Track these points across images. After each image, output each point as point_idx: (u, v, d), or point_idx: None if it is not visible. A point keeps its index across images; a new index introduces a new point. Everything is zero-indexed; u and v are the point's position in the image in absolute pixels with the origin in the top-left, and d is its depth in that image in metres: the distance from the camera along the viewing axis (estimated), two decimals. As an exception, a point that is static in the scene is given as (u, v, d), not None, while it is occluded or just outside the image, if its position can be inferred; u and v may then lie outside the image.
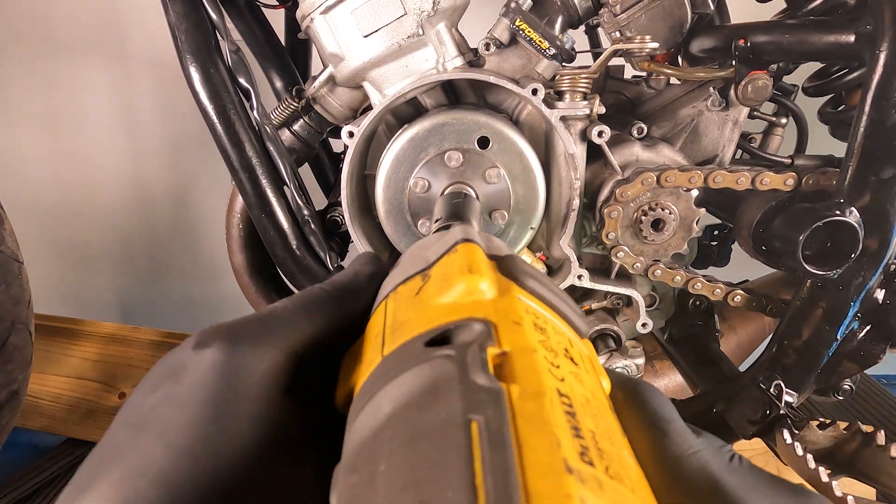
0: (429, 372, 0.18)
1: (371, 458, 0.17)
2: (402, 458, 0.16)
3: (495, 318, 0.20)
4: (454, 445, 0.15)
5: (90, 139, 1.44)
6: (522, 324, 0.20)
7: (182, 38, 0.65)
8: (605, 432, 0.18)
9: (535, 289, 0.23)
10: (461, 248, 0.25)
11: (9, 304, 0.87)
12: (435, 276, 0.24)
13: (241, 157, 0.68)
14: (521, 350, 0.19)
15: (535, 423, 0.16)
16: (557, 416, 0.16)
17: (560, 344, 0.21)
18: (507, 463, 0.14)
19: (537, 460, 0.15)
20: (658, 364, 0.95)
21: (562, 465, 0.15)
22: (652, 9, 0.66)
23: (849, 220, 0.59)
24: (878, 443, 0.58)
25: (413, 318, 0.22)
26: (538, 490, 0.14)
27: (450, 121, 0.65)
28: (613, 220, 0.67)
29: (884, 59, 0.55)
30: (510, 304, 0.22)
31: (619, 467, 0.17)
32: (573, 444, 0.16)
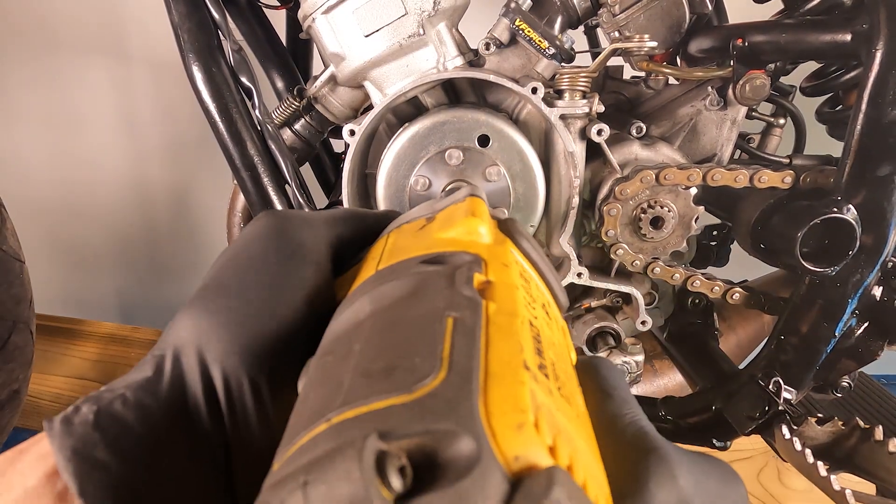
0: (417, 280, 0.20)
1: (347, 342, 0.18)
2: (378, 340, 0.18)
3: (487, 257, 0.22)
4: (429, 331, 0.17)
5: (91, 139, 1.44)
6: (510, 267, 0.22)
7: (185, 37, 0.65)
8: (563, 369, 0.19)
9: (527, 250, 0.25)
10: (468, 199, 0.27)
11: (10, 304, 0.87)
12: (439, 217, 0.26)
13: (243, 156, 0.68)
14: (504, 283, 0.21)
15: (504, 331, 0.18)
16: (525, 333, 0.18)
17: (539, 298, 0.23)
18: (473, 348, 0.16)
19: (500, 355, 0.16)
20: (657, 362, 0.96)
21: (521, 362, 0.16)
22: (650, 9, 0.67)
23: (846, 217, 0.59)
24: (876, 438, 0.58)
25: (412, 246, 0.24)
26: (495, 372, 0.16)
27: (450, 119, 0.65)
28: (613, 218, 0.67)
29: (880, 58, 0.55)
30: (503, 251, 0.23)
31: (570, 393, 0.18)
32: (534, 356, 0.17)
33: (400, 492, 0.13)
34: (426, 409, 0.14)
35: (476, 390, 0.15)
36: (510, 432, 0.14)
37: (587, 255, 0.76)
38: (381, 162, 0.67)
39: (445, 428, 0.14)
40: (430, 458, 0.14)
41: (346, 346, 0.18)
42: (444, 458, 0.14)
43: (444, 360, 0.16)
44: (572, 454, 0.15)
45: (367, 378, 0.16)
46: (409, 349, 0.17)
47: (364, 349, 0.18)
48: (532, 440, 0.14)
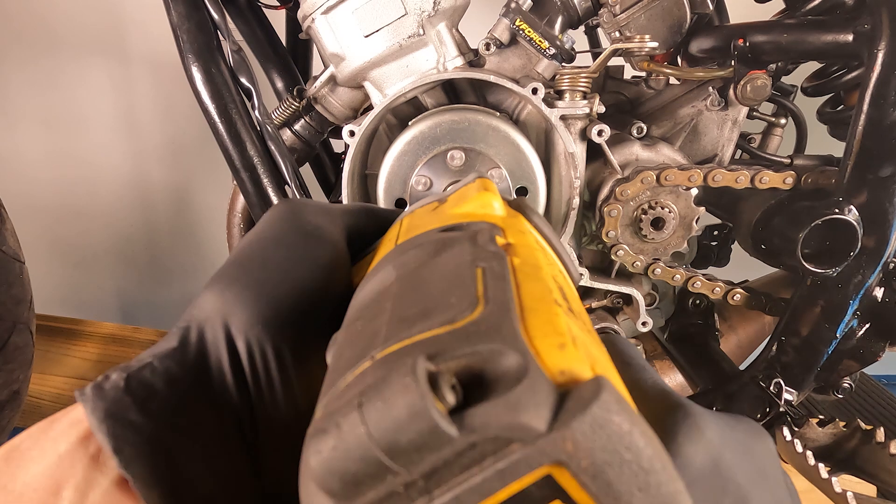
0: (440, 243, 0.21)
1: (377, 305, 0.19)
2: (410, 294, 0.18)
3: (502, 225, 0.23)
4: (460, 279, 0.17)
5: (91, 139, 1.44)
6: (526, 234, 0.23)
7: (184, 38, 0.65)
8: (584, 319, 0.20)
9: (539, 225, 0.25)
10: (478, 179, 0.28)
11: (10, 304, 0.87)
12: (451, 198, 0.26)
13: (243, 157, 0.68)
14: (524, 245, 0.21)
15: (531, 277, 0.18)
16: (550, 281, 0.19)
17: (554, 266, 0.23)
18: (506, 288, 0.17)
19: (532, 294, 0.17)
20: (658, 363, 0.96)
21: (552, 299, 0.17)
22: (651, 9, 0.66)
23: (847, 218, 0.59)
24: (877, 440, 0.58)
25: (428, 222, 0.24)
26: (530, 306, 0.16)
27: (452, 120, 0.65)
28: (613, 219, 0.67)
29: (882, 59, 0.55)
30: (517, 222, 0.24)
31: (593, 336, 0.19)
32: (559, 294, 0.18)
33: (453, 405, 0.13)
34: (471, 334, 0.15)
35: (516, 318, 0.15)
36: (553, 351, 0.15)
37: (588, 256, 0.76)
38: (383, 162, 0.67)
39: (492, 347, 0.14)
40: (479, 375, 0.14)
41: (377, 308, 0.18)
42: (493, 374, 0.14)
43: (481, 298, 0.16)
44: (610, 376, 0.15)
45: (405, 321, 0.16)
46: (443, 295, 0.17)
47: (396, 304, 0.18)
48: (575, 357, 0.15)
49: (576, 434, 0.13)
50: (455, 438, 0.13)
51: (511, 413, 0.13)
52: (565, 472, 0.13)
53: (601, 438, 0.13)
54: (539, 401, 0.13)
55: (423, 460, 0.13)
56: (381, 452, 0.13)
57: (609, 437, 0.13)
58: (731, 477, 0.19)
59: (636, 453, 0.13)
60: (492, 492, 0.13)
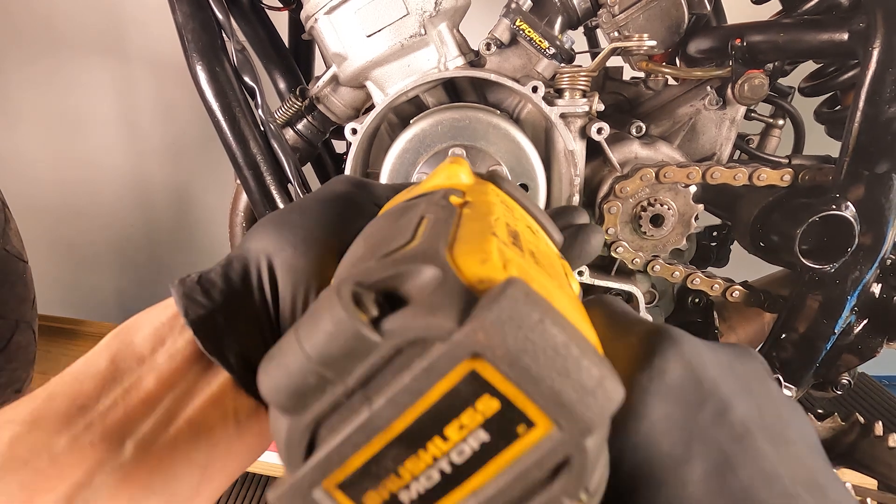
0: (402, 208, 0.24)
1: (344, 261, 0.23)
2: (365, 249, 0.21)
3: (466, 190, 0.25)
4: (406, 226, 0.20)
5: (92, 139, 1.45)
6: (489, 194, 0.25)
7: (189, 37, 0.66)
8: (545, 259, 0.21)
9: (510, 190, 0.27)
10: (453, 157, 0.30)
11: (14, 303, 0.87)
12: (427, 178, 0.29)
13: (246, 155, 0.69)
14: (481, 200, 0.23)
15: (474, 219, 0.20)
16: (499, 224, 0.20)
17: (523, 220, 0.25)
18: (443, 228, 0.19)
19: (469, 230, 0.19)
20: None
21: (489, 232, 0.18)
22: (650, 9, 0.67)
23: (844, 214, 0.60)
24: (876, 434, 0.59)
25: (402, 199, 0.27)
26: (463, 236, 0.18)
27: (453, 118, 0.66)
28: (613, 216, 0.68)
29: (877, 56, 0.56)
30: (482, 186, 0.26)
31: (550, 268, 0.20)
32: (506, 234, 0.19)
33: (376, 316, 0.15)
34: (398, 259, 0.17)
35: (444, 245, 0.17)
36: (475, 264, 0.16)
37: (587, 253, 0.77)
38: (384, 160, 0.68)
39: (414, 265, 0.16)
40: (401, 291, 0.16)
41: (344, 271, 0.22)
42: (415, 287, 0.15)
43: (417, 236, 0.18)
44: (546, 293, 0.16)
45: (353, 266, 0.19)
46: (388, 241, 0.19)
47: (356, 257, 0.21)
48: (496, 269, 0.16)
49: (485, 325, 0.13)
50: (379, 343, 0.14)
51: (426, 315, 0.14)
52: (486, 364, 0.14)
53: (512, 328, 0.13)
54: (453, 302, 0.14)
55: (355, 368, 0.14)
56: (316, 364, 0.14)
57: (520, 327, 0.13)
58: (711, 389, 0.20)
59: (549, 339, 0.14)
60: (422, 391, 0.14)
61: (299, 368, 0.15)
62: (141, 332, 0.28)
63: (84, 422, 0.25)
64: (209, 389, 0.28)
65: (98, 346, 0.29)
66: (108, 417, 0.25)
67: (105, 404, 0.26)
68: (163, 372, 0.27)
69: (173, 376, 0.27)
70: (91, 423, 0.25)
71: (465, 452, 0.14)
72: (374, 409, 0.14)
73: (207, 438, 0.27)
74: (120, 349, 0.28)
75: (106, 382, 0.26)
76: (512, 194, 0.27)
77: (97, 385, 0.26)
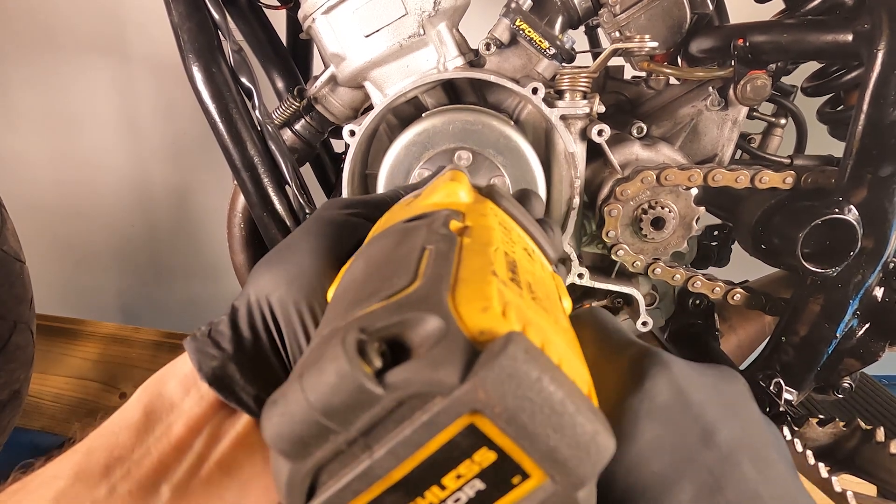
0: (400, 232, 0.24)
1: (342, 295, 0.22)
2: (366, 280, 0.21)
3: (465, 211, 0.25)
4: (407, 260, 0.20)
5: (91, 139, 1.44)
6: (487, 216, 0.25)
7: (185, 38, 0.65)
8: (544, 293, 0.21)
9: (507, 208, 0.27)
10: (449, 171, 0.30)
11: (11, 304, 0.87)
12: (424, 191, 0.29)
13: (243, 157, 0.68)
14: (481, 225, 0.23)
15: (475, 253, 0.20)
16: (498, 256, 0.20)
17: (521, 242, 0.25)
18: (445, 265, 0.19)
19: (470, 267, 0.19)
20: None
21: (489, 271, 0.18)
22: (651, 9, 0.66)
23: (847, 217, 0.59)
24: (877, 439, 0.58)
25: (399, 215, 0.27)
26: (464, 277, 0.18)
27: (466, 120, 0.64)
28: (613, 219, 0.67)
29: (881, 58, 0.55)
30: (481, 206, 0.26)
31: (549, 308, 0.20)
32: (505, 271, 0.19)
33: (380, 367, 0.15)
34: (402, 305, 0.17)
35: (445, 289, 0.17)
36: (476, 313, 0.16)
37: (588, 255, 0.76)
38: (382, 162, 0.67)
39: (417, 315, 0.16)
40: (406, 341, 0.16)
41: (341, 296, 0.21)
42: (419, 338, 0.16)
43: (420, 275, 0.18)
44: (543, 340, 0.16)
45: (355, 303, 0.19)
46: (390, 276, 0.19)
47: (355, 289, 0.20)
48: (497, 319, 0.16)
49: (486, 383, 0.14)
50: (382, 396, 0.14)
51: (429, 370, 0.14)
52: (484, 419, 0.14)
53: (511, 386, 0.14)
54: (455, 357, 0.15)
55: (357, 419, 0.15)
56: (319, 414, 0.15)
57: (518, 385, 0.14)
58: (699, 412, 0.21)
59: (546, 397, 0.14)
60: (422, 443, 0.14)
61: (302, 418, 0.15)
62: (169, 383, 0.30)
63: (121, 472, 0.27)
64: (235, 430, 0.29)
65: (131, 400, 0.31)
66: (143, 465, 0.27)
67: (140, 453, 0.28)
68: (191, 417, 0.29)
69: (200, 421, 0.29)
70: (128, 472, 0.27)
71: (461, 500, 0.14)
72: (374, 457, 0.15)
73: (238, 476, 0.29)
74: (151, 400, 0.30)
75: (140, 433, 0.28)
76: (510, 212, 0.27)
77: (132, 436, 0.28)
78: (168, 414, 0.29)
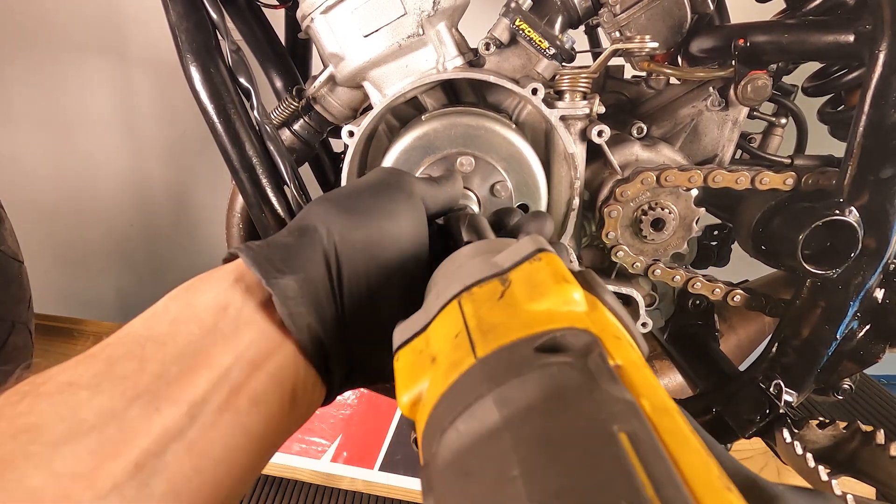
0: (549, 378, 0.17)
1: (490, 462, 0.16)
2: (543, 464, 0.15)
3: (596, 331, 0.20)
4: (609, 455, 0.14)
5: (90, 139, 1.44)
6: (622, 339, 0.20)
7: (182, 37, 0.65)
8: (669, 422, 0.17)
9: (612, 305, 0.23)
10: (544, 257, 0.24)
11: (9, 304, 0.87)
12: (518, 280, 0.23)
13: (242, 157, 0.68)
14: (633, 364, 0.19)
15: (678, 438, 0.15)
16: (692, 434, 0.16)
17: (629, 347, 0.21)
18: (673, 476, 0.14)
19: (696, 476, 0.14)
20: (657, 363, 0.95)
21: (720, 482, 0.14)
22: (652, 9, 0.66)
23: (848, 219, 0.59)
24: (877, 442, 0.58)
25: (507, 322, 0.21)
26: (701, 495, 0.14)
27: (468, 124, 0.64)
28: (613, 220, 0.67)
29: (883, 59, 0.55)
30: (603, 318, 0.21)
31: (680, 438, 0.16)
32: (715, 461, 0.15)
33: None
34: None
35: None
36: None
37: (587, 256, 0.76)
38: (382, 163, 0.67)
39: None
40: None
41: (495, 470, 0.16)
42: None
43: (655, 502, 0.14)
44: None
45: None
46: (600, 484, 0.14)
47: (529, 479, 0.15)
48: None
49: None
50: None
51: None
52: None
53: None
54: None
55: None
56: None
57: None
58: None
59: None
60: None
61: None
62: (202, 295, 0.29)
63: (149, 389, 0.25)
64: (272, 363, 0.28)
65: (156, 308, 0.29)
66: (174, 386, 0.25)
67: (172, 372, 0.26)
68: (228, 342, 0.27)
69: (238, 348, 0.28)
70: (157, 391, 0.25)
71: None
72: None
73: (266, 411, 0.28)
74: (180, 313, 0.28)
75: (168, 347, 0.26)
76: (612, 309, 0.23)
77: (158, 350, 0.26)
78: (201, 332, 0.27)
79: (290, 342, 0.29)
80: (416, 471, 1.08)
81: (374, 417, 1.12)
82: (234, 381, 0.27)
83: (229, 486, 0.26)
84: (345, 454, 1.08)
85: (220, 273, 0.31)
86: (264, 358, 0.28)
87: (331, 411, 1.13)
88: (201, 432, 0.25)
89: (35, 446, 0.22)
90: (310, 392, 0.31)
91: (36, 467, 0.21)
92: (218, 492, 0.25)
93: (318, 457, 1.07)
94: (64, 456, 0.22)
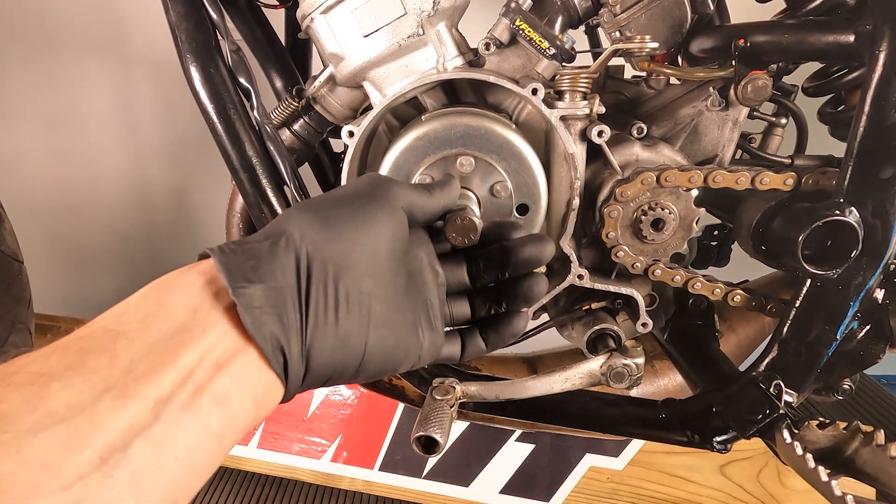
0: None
1: None
2: None
3: None
4: None
5: (90, 139, 1.44)
6: None
7: (182, 37, 0.65)
8: None
9: None
10: None
11: (9, 304, 0.87)
12: None
13: (242, 157, 0.68)
14: None
15: None
16: None
17: None
18: None
19: None
20: (657, 363, 0.96)
21: None
22: (652, 9, 0.66)
23: (848, 219, 0.59)
24: (877, 442, 0.58)
25: None
26: None
27: (468, 125, 0.63)
28: (613, 220, 0.67)
29: (883, 59, 0.55)
30: None
31: None
32: None
33: None
34: None
35: None
36: None
37: (587, 256, 0.76)
38: (382, 165, 0.67)
39: None
40: None
41: None
42: None
43: None
44: None
45: None
46: None
47: None
48: None
49: None
50: None
51: None
52: None
53: None
54: None
55: None
56: None
57: None
58: None
59: None
60: None
61: None
62: (174, 294, 0.30)
63: (118, 384, 0.26)
64: (236, 365, 0.30)
65: (128, 304, 0.30)
66: (142, 382, 0.26)
67: (140, 368, 0.27)
68: (196, 343, 0.29)
69: (204, 348, 0.29)
70: (125, 387, 0.26)
71: None
72: None
73: (227, 410, 0.29)
74: (151, 311, 0.29)
75: (137, 344, 0.28)
76: None
77: (128, 346, 0.27)
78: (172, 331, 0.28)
79: (253, 346, 0.30)
80: (416, 471, 1.08)
81: (374, 417, 1.12)
82: (199, 381, 0.28)
83: (188, 481, 0.27)
84: (345, 454, 1.08)
85: (193, 273, 0.32)
86: (228, 359, 0.30)
87: (331, 411, 1.13)
88: (165, 429, 0.26)
89: (6, 435, 0.23)
90: (270, 394, 0.32)
91: (6, 455, 0.22)
92: (177, 486, 0.27)
93: (318, 457, 1.07)
94: (34, 445, 0.23)
